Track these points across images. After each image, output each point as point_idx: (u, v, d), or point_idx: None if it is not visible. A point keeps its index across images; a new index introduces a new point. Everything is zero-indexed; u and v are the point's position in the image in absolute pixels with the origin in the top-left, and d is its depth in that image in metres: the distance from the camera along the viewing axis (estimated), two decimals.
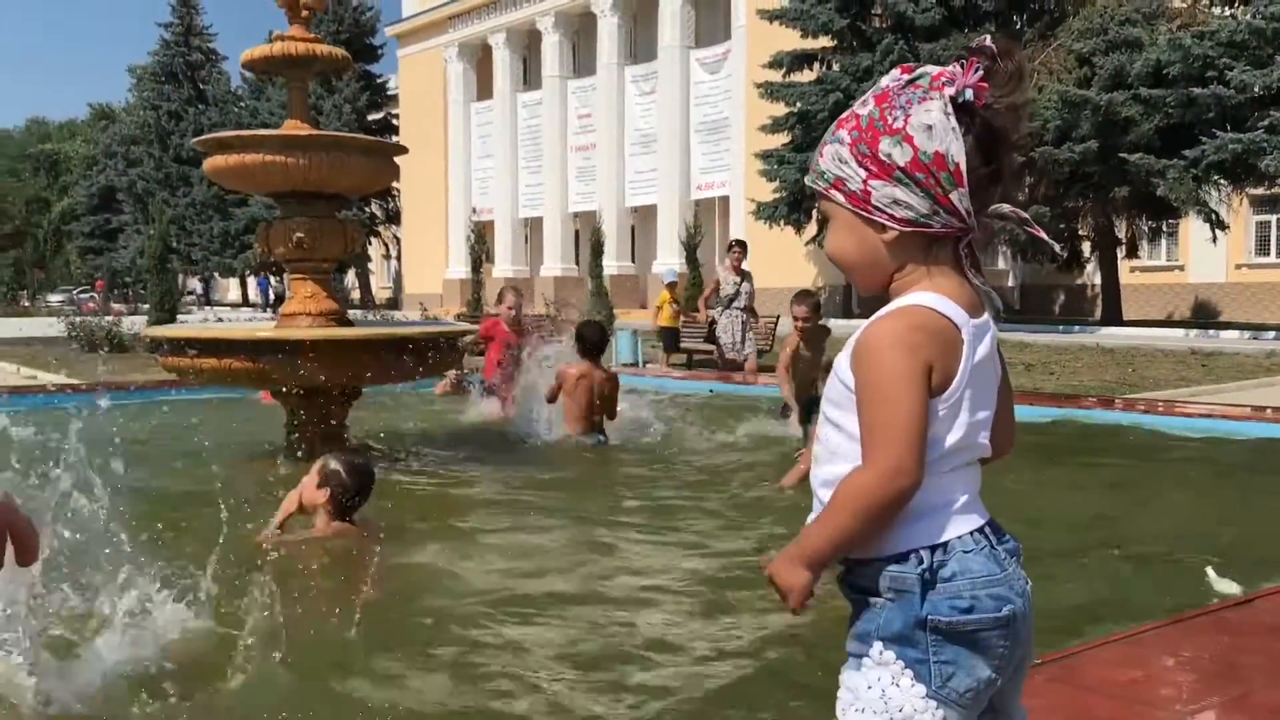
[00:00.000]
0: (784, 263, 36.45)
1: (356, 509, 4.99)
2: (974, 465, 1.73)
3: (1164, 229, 30.67)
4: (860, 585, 1.70)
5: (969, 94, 1.63)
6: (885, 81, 1.70)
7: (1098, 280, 30.28)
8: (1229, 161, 22.57)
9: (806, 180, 1.82)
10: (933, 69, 1.68)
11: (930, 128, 1.63)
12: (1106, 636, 3.32)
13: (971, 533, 1.68)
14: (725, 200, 41.49)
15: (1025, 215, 1.72)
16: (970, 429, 1.68)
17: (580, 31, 47.16)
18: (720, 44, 41.64)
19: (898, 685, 1.64)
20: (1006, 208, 1.71)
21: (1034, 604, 1.71)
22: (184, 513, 5.80)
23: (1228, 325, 27.87)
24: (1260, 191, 26.81)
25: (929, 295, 1.65)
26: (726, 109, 40.82)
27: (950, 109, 1.63)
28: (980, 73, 1.64)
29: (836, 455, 1.70)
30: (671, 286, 18.37)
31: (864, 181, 1.67)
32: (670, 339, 17.49)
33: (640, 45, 45.25)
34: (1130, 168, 23.71)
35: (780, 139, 32.12)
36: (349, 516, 4.96)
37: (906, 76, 1.68)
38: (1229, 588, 4.07)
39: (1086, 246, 29.03)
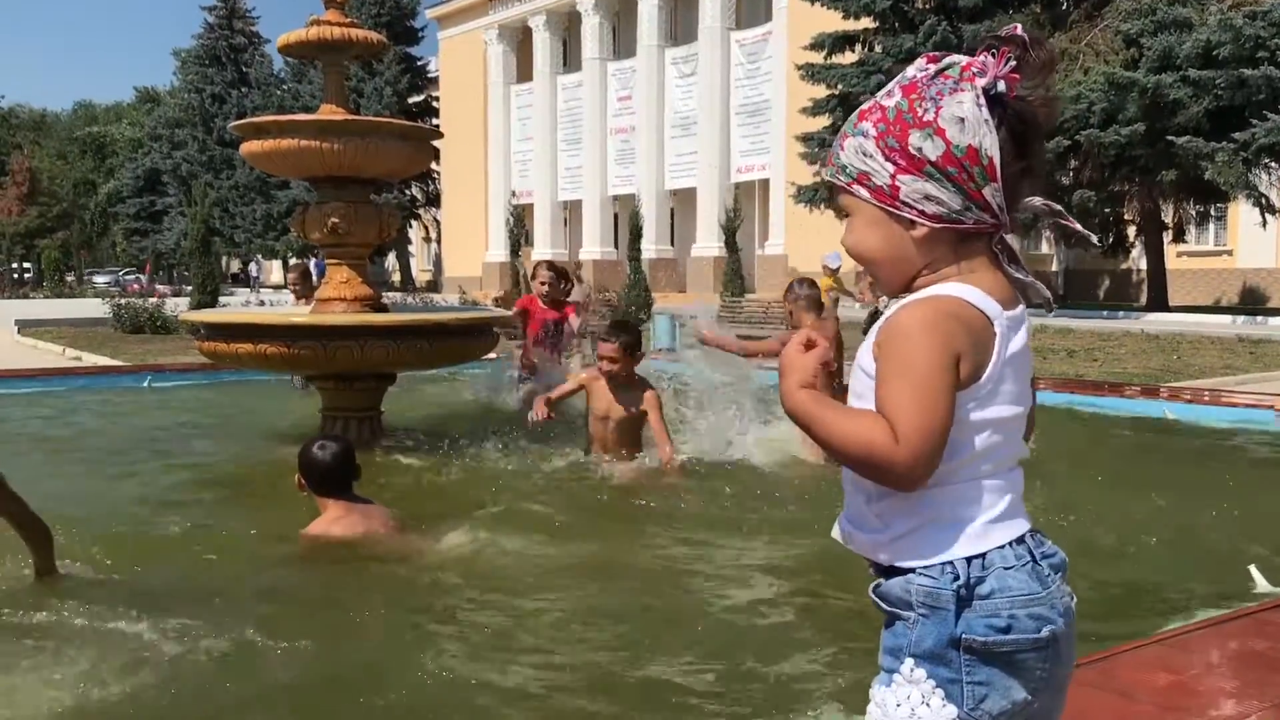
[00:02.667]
0: (824, 247, 36.14)
1: (336, 484, 4.75)
2: (1015, 469, 1.65)
3: (1212, 213, 30.10)
4: (892, 598, 1.64)
5: (1001, 85, 1.56)
6: (911, 71, 1.63)
7: (1143, 265, 29.84)
8: None
9: (824, 174, 1.75)
10: (961, 59, 1.60)
11: (963, 120, 1.56)
12: (1144, 638, 3.24)
13: (1012, 544, 1.60)
14: (765, 183, 41.28)
15: (1059, 208, 1.65)
16: (1002, 427, 1.60)
17: (620, 13, 46.99)
18: (761, 25, 41.35)
19: (928, 705, 1.58)
20: (1039, 201, 1.65)
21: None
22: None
23: (1277, 311, 27.37)
24: None
25: (960, 286, 1.58)
26: (767, 91, 40.55)
27: (982, 101, 1.56)
28: (1011, 63, 1.56)
29: None
30: (834, 272, 16.95)
31: (892, 176, 1.60)
32: None
33: (680, 27, 45.03)
34: (1178, 151, 23.29)
35: (821, 121, 31.83)
36: (339, 494, 4.75)
37: (934, 66, 1.61)
38: (1272, 587, 3.97)
39: (1132, 231, 28.59)
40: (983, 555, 1.58)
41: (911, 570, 1.61)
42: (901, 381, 1.52)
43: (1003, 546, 1.59)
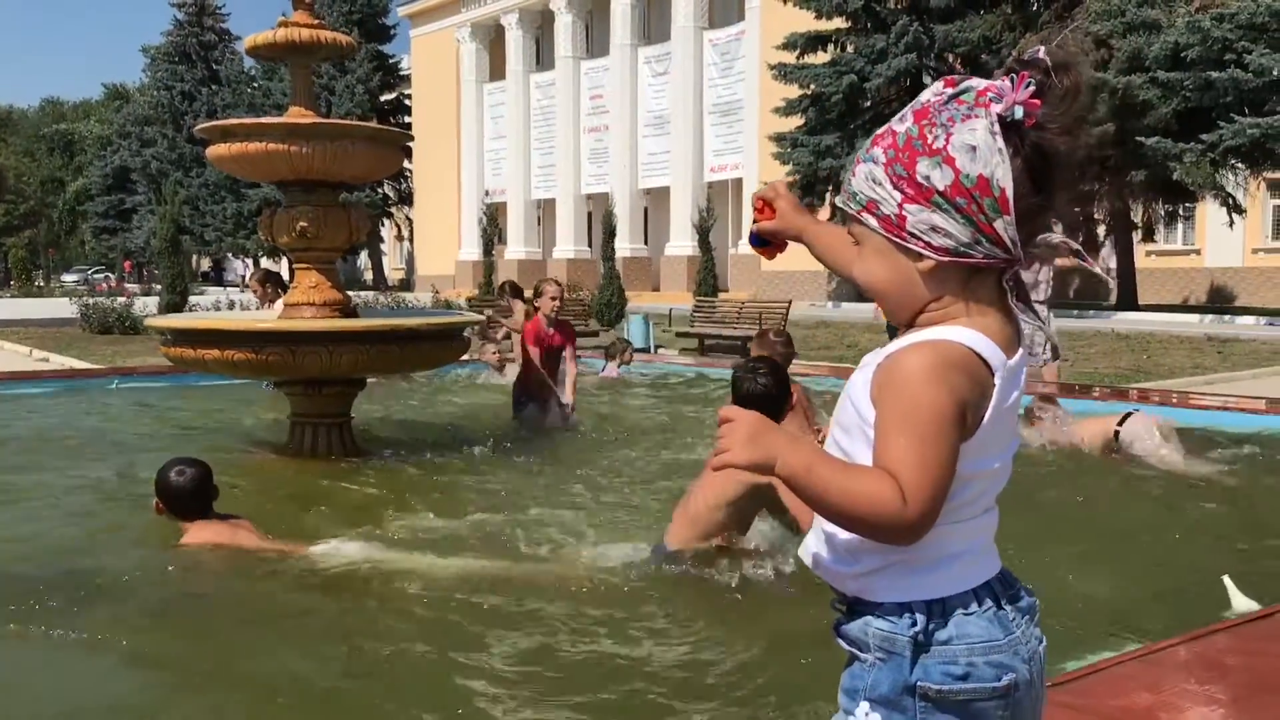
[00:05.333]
0: (797, 248, 36.19)
1: (195, 509, 4.68)
2: (990, 510, 1.61)
3: (1180, 213, 30.40)
4: (851, 638, 1.61)
5: (1019, 112, 1.47)
6: (926, 95, 1.55)
7: (1113, 264, 30.05)
8: (1246, 146, 22.32)
9: (838, 201, 1.66)
10: (980, 82, 1.52)
11: (974, 149, 1.47)
12: (1120, 655, 3.20)
13: (975, 590, 1.56)
14: (739, 183, 41.30)
15: (1078, 247, 1.58)
16: (986, 478, 1.56)
17: (593, 12, 46.89)
18: (734, 25, 41.36)
19: None
20: (1057, 237, 1.57)
21: (1041, 618, 1.61)
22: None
23: (1244, 310, 27.64)
24: (1278, 176, 26.49)
25: (966, 331, 1.50)
26: (740, 91, 40.58)
27: (997, 128, 1.47)
28: (1031, 88, 1.48)
29: None
30: None
31: (899, 205, 1.52)
32: None
33: (654, 26, 44.98)
34: (1147, 151, 23.46)
35: (794, 121, 31.89)
36: (198, 517, 4.69)
37: (950, 90, 1.52)
38: (1247, 600, 3.94)
39: (1102, 230, 28.80)
40: (944, 600, 1.55)
41: (872, 611, 1.57)
42: (907, 435, 1.44)
43: (965, 592, 1.56)
